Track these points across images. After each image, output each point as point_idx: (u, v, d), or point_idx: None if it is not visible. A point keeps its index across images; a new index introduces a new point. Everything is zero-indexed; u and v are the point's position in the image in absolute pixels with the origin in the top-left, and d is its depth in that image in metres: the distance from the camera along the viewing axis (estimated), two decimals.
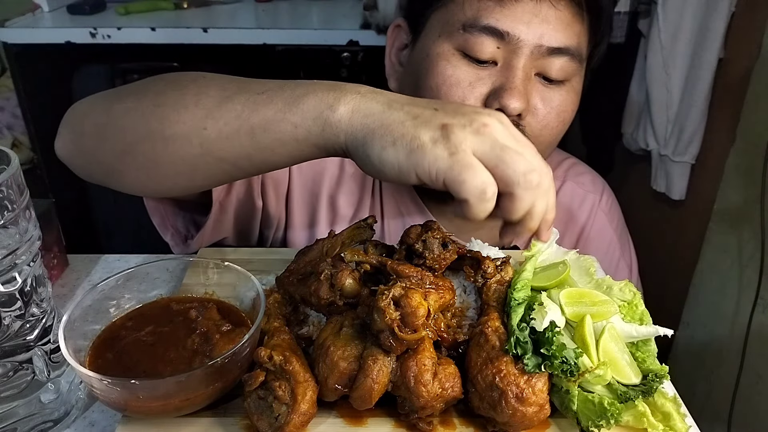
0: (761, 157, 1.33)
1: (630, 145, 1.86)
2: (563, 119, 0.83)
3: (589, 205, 1.03)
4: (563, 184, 1.03)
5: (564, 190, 1.02)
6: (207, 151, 0.62)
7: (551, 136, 0.84)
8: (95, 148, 0.70)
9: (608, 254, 1.04)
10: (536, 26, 0.77)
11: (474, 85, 0.80)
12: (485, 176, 0.53)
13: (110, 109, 0.69)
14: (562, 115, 0.83)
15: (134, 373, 0.55)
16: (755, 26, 1.43)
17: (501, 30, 0.77)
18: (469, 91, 0.80)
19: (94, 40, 1.94)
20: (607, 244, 1.03)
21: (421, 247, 0.62)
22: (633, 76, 1.79)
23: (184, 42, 1.96)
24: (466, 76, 0.80)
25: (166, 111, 0.62)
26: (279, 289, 0.67)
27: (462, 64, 0.80)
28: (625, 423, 0.54)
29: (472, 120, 0.55)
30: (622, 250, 1.06)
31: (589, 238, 1.02)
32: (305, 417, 0.52)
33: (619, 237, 1.06)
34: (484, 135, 0.54)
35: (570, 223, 1.01)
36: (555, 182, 0.99)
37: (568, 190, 1.02)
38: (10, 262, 0.51)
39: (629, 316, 0.60)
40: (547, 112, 0.81)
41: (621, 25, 1.73)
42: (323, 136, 0.58)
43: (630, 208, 2.00)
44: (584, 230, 1.02)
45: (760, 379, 1.40)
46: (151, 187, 0.70)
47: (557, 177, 1.03)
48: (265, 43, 1.95)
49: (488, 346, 0.55)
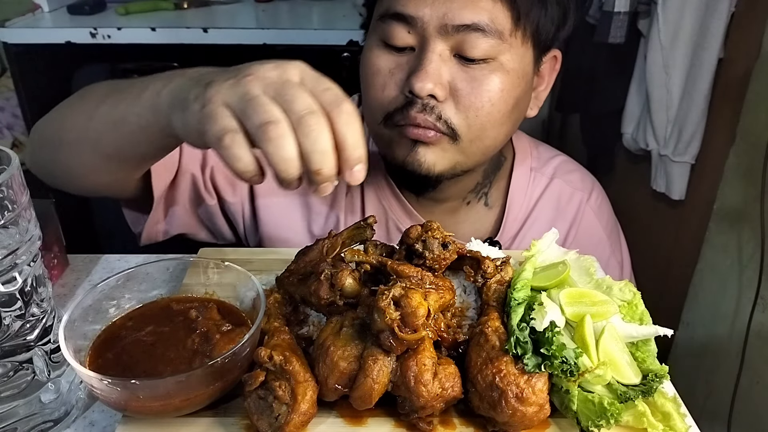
0: (761, 157, 1.33)
1: (630, 145, 1.86)
2: (493, 99, 0.80)
3: (577, 203, 1.02)
4: (551, 181, 1.02)
5: (552, 188, 1.02)
6: (95, 150, 0.72)
7: (485, 118, 0.81)
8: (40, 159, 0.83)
9: (597, 252, 1.03)
10: (439, 5, 0.77)
11: (393, 72, 0.81)
12: (225, 123, 0.52)
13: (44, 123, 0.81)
14: (490, 94, 0.80)
15: (134, 373, 0.55)
16: (755, 26, 1.43)
17: (406, 14, 0.78)
18: (389, 77, 0.82)
19: (94, 40, 1.94)
20: (596, 242, 1.03)
21: (421, 247, 0.62)
22: (633, 76, 1.79)
23: (184, 42, 1.96)
24: (386, 64, 0.82)
25: (66, 120, 0.75)
26: (279, 289, 0.67)
27: (383, 53, 0.82)
28: (625, 423, 0.54)
29: (239, 72, 0.55)
30: (612, 248, 1.05)
31: (577, 236, 1.02)
32: (305, 417, 0.53)
33: (609, 235, 1.05)
34: (239, 86, 0.53)
35: (557, 220, 1.01)
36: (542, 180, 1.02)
37: (556, 188, 1.02)
38: (11, 262, 0.51)
39: (629, 316, 0.60)
40: (469, 91, 0.79)
41: (621, 25, 1.73)
42: (158, 121, 0.62)
43: (630, 208, 2.00)
44: (571, 228, 1.02)
45: (760, 379, 1.40)
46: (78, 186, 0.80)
47: (545, 174, 1.02)
48: (265, 43, 1.95)
49: (488, 346, 0.55)
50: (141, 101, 0.64)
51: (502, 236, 0.98)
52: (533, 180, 1.01)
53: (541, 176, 1.02)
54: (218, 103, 0.53)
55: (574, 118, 2.24)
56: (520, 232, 0.99)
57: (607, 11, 1.74)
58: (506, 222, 0.98)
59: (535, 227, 1.00)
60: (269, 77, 0.55)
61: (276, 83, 0.54)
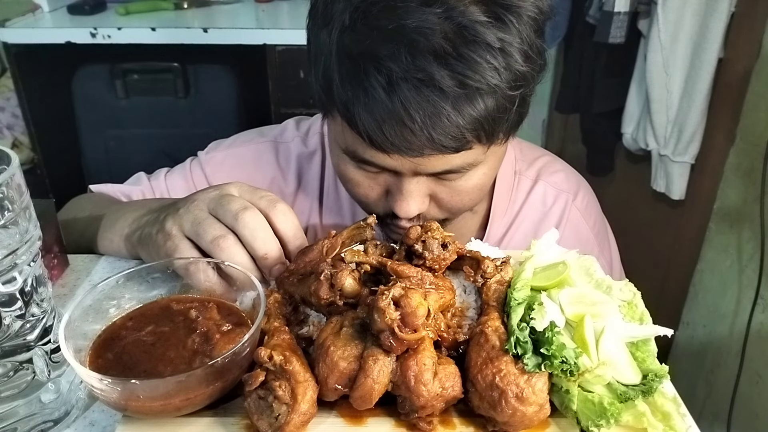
0: (761, 157, 1.33)
1: (630, 145, 1.86)
2: (476, 191, 0.81)
3: (562, 204, 1.01)
4: (535, 184, 1.01)
5: (536, 191, 1.01)
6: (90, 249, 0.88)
7: (470, 204, 0.83)
8: None
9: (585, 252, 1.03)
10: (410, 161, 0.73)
11: (372, 187, 0.81)
12: (186, 254, 0.65)
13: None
14: (472, 192, 0.80)
15: (134, 373, 0.55)
16: (755, 26, 1.43)
17: (377, 164, 0.75)
18: (369, 190, 0.81)
19: (94, 40, 1.95)
20: (584, 242, 1.02)
21: (421, 247, 0.62)
22: (633, 76, 1.79)
23: (184, 42, 1.96)
24: (363, 179, 0.81)
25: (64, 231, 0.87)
26: (279, 289, 0.67)
27: (357, 170, 0.80)
28: (625, 423, 0.54)
29: (188, 201, 0.68)
30: (600, 248, 1.05)
31: (563, 237, 1.01)
32: (305, 417, 0.53)
33: (597, 235, 1.05)
34: (188, 213, 0.66)
35: (542, 222, 1.01)
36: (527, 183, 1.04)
37: (540, 191, 1.01)
38: (11, 262, 0.51)
39: (629, 316, 0.60)
40: (451, 197, 0.80)
41: (621, 25, 1.73)
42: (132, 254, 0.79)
43: (630, 208, 2.00)
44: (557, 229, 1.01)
45: (760, 379, 1.40)
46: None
47: (529, 177, 1.01)
48: (265, 43, 1.95)
49: (488, 345, 0.55)
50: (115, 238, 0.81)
51: (488, 240, 0.98)
52: (517, 184, 1.01)
53: (525, 179, 1.01)
54: (178, 236, 0.66)
55: (574, 118, 2.24)
56: (505, 235, 1.00)
57: (607, 11, 1.74)
58: (491, 226, 0.99)
59: (521, 230, 1.00)
60: (211, 197, 0.67)
61: (216, 198, 0.66)
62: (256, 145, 1.04)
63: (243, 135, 1.08)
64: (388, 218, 0.83)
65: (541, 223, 1.01)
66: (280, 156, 1.03)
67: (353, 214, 1.01)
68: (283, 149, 1.03)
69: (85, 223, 0.89)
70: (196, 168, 1.03)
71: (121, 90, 2.15)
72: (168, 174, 1.03)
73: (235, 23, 2.04)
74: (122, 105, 2.18)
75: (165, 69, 2.12)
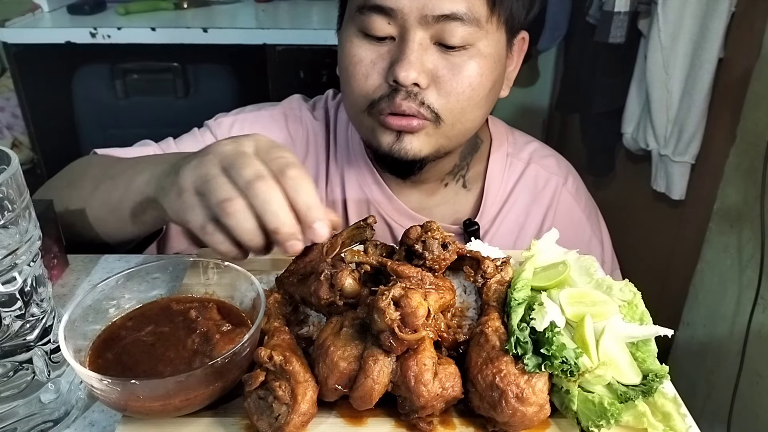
0: (761, 157, 1.33)
1: (630, 145, 1.86)
2: (473, 84, 0.83)
3: (553, 187, 1.05)
4: (527, 166, 1.05)
5: (528, 173, 1.04)
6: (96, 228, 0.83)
7: (466, 102, 0.84)
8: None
9: (578, 233, 1.07)
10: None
11: (375, 62, 0.84)
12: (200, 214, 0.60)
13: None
14: (470, 79, 0.83)
15: (134, 373, 0.55)
16: (755, 26, 1.43)
17: (386, 6, 0.80)
18: (371, 67, 0.84)
19: (94, 40, 1.94)
20: (576, 224, 1.06)
21: (421, 247, 0.62)
22: (633, 76, 1.79)
23: (184, 42, 1.96)
24: (368, 54, 0.84)
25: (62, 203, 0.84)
26: (279, 289, 0.67)
27: (364, 44, 0.84)
28: (625, 423, 0.54)
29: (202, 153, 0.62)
30: (592, 229, 1.08)
31: (556, 218, 1.05)
32: (305, 417, 0.52)
33: (588, 216, 1.08)
34: (200, 167, 0.61)
35: (533, 204, 1.04)
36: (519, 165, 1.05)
37: (532, 173, 1.05)
38: (10, 262, 0.51)
39: (629, 316, 0.60)
40: (451, 77, 0.82)
41: (621, 25, 1.73)
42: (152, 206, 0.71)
43: (630, 208, 2.00)
44: (548, 211, 1.04)
45: (760, 379, 1.40)
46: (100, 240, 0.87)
47: (521, 159, 1.05)
48: (265, 43, 1.95)
49: (488, 346, 0.55)
50: (133, 189, 0.74)
51: (482, 218, 1.01)
52: (510, 165, 1.04)
53: (517, 161, 1.05)
54: (189, 191, 0.60)
55: (574, 118, 2.24)
56: (498, 214, 1.02)
57: (607, 11, 1.74)
58: (485, 205, 1.01)
59: (514, 210, 1.03)
60: (225, 152, 0.61)
61: (230, 156, 0.60)
62: (267, 111, 1.07)
63: (249, 106, 1.10)
64: (383, 102, 0.84)
65: (533, 203, 1.04)
66: (290, 123, 1.06)
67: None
68: (293, 118, 1.06)
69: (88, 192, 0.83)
70: (206, 133, 1.04)
71: (121, 90, 2.15)
72: (177, 140, 1.04)
73: (234, 23, 2.04)
74: (122, 105, 2.18)
75: (165, 69, 2.12)
